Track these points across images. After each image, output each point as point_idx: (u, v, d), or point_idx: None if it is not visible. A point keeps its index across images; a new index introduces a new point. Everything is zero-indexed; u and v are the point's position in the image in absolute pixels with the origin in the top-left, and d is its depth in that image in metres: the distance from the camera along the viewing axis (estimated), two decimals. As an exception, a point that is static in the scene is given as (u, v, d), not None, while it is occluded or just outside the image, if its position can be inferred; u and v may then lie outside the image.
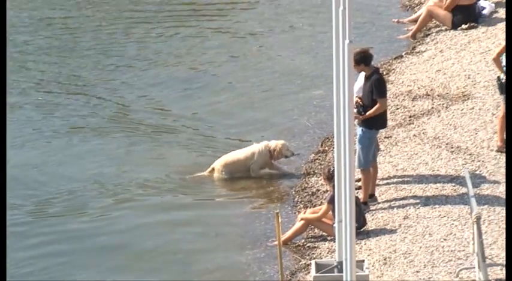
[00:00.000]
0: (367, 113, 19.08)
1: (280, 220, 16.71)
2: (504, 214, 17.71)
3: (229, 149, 22.39)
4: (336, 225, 16.15)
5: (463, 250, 17.39)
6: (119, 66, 26.10)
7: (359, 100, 19.20)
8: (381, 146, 20.56)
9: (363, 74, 19.44)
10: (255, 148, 21.27)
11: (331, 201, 17.19)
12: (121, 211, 21.43)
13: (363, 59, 18.98)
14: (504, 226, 17.41)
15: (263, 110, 23.55)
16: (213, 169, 21.65)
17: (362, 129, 19.25)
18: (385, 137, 20.92)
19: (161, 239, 20.26)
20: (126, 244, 20.33)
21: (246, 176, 21.76)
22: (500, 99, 20.59)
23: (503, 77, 20.13)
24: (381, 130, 19.98)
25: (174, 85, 25.32)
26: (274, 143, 21.14)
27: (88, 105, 25.71)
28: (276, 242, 17.07)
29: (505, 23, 20.79)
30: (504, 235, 16.94)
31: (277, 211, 17.39)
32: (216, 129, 24.00)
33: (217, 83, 24.91)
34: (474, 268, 16.20)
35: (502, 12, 23.56)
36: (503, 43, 20.34)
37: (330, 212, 17.97)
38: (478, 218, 15.86)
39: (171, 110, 25.08)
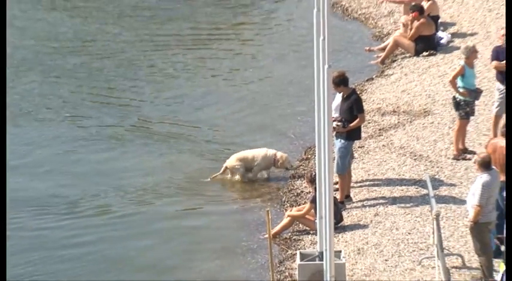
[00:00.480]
0: (350, 125, 19.17)
1: (270, 217, 16.94)
2: (459, 212, 18.25)
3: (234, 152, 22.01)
4: (317, 221, 16.49)
5: (425, 242, 17.59)
6: (139, 85, 25.58)
7: (337, 120, 19.23)
8: (355, 155, 20.53)
9: (339, 94, 19.53)
10: (264, 152, 21.16)
11: (313, 201, 17.31)
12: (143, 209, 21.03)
13: (341, 81, 19.10)
14: (459, 221, 17.95)
15: (258, 125, 23.23)
16: (226, 168, 21.47)
17: (341, 141, 19.35)
18: (358, 147, 20.92)
19: (175, 228, 20.08)
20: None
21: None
22: (455, 115, 20.70)
23: (458, 96, 20.33)
24: (356, 141, 20.05)
25: (188, 100, 24.87)
26: (280, 154, 21.14)
27: (113, 116, 25.06)
28: (267, 236, 17.38)
29: (459, 50, 20.97)
30: (460, 229, 17.61)
31: (268, 209, 17.82)
32: (222, 138, 23.61)
33: (223, 100, 24.55)
34: (434, 257, 16.46)
35: (457, 41, 23.58)
36: (458, 68, 20.40)
37: (312, 210, 18.09)
38: (437, 215, 16.27)
39: (186, 120, 24.46)
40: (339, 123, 19.24)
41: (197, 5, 27.62)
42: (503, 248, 16.73)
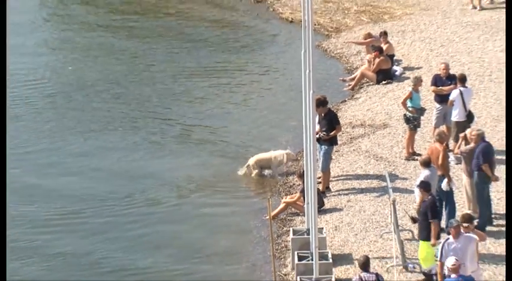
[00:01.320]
0: (331, 134, 19.23)
1: (270, 203, 17.19)
2: (410, 199, 18.34)
3: (250, 155, 21.79)
4: (305, 206, 17.17)
5: (384, 221, 17.90)
6: (175, 105, 25.05)
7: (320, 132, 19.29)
8: (333, 157, 20.40)
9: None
10: (278, 153, 20.93)
11: (302, 191, 17.91)
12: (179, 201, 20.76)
13: (320, 103, 18.92)
14: (410, 205, 18.03)
15: (265, 135, 23.06)
16: (249, 165, 21.17)
17: (324, 147, 19.34)
18: (335, 151, 20.80)
19: (204, 215, 19.92)
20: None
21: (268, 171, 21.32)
22: (406, 127, 20.69)
23: (408, 113, 20.29)
24: (334, 146, 20.06)
25: (214, 115, 24.44)
26: (284, 154, 20.91)
27: (157, 128, 24.38)
28: (268, 217, 17.64)
29: (409, 79, 21.21)
30: (410, 211, 17.51)
31: (269, 197, 18.62)
32: (241, 144, 23.11)
33: (239, 116, 24.30)
34: (391, 232, 16.75)
35: (407, 73, 23.41)
36: (407, 92, 20.49)
37: (301, 198, 18.28)
38: (394, 201, 16.59)
39: (213, 131, 23.87)
40: (324, 133, 19.28)
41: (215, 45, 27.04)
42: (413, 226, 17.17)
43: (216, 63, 25.51)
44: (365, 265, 15.28)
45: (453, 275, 14.21)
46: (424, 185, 16.55)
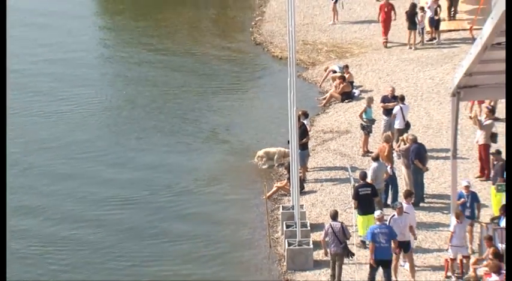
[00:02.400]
0: (302, 141, 18.78)
1: (266, 187, 17.89)
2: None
3: (255, 150, 21.10)
4: (290, 189, 17.55)
5: (347, 200, 17.91)
6: (199, 114, 24.20)
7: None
8: (310, 154, 20.13)
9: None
10: (279, 149, 20.36)
11: (289, 178, 18.02)
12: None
13: (304, 116, 19.34)
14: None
15: (264, 139, 22.30)
16: (258, 156, 20.49)
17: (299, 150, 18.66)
18: (312, 150, 20.56)
19: (217, 200, 19.49)
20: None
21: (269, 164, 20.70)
22: (362, 133, 20.53)
23: (363, 123, 20.19)
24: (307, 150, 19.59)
25: (229, 122, 23.82)
26: (283, 150, 20.23)
27: (189, 131, 23.36)
28: (264, 197, 18.16)
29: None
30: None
31: (265, 183, 18.81)
32: (249, 143, 22.28)
33: (245, 125, 23.61)
34: (352, 207, 16.87)
35: (363, 94, 23.09)
36: (363, 108, 20.56)
37: (288, 183, 18.32)
38: (354, 186, 16.88)
39: (229, 134, 22.98)
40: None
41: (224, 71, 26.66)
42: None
43: (227, 85, 25.47)
44: (334, 216, 15.37)
45: (377, 223, 14.53)
46: (360, 175, 16.80)
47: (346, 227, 15.28)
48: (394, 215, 14.93)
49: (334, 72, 24.14)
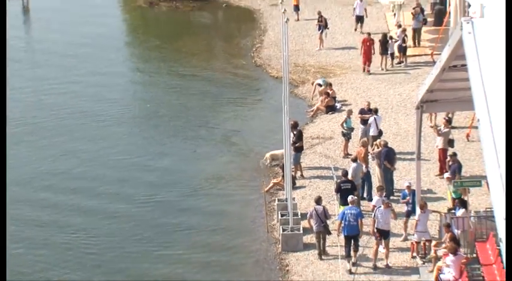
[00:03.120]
0: (296, 145, 18.88)
1: (264, 183, 17.94)
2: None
3: (259, 152, 20.88)
4: (285, 185, 17.45)
5: (331, 192, 17.77)
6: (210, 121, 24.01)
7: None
8: (301, 156, 19.71)
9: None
10: (281, 151, 19.09)
11: (283, 176, 17.90)
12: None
13: (294, 126, 19.02)
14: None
15: (262, 143, 21.83)
16: (266, 157, 20.07)
17: (294, 152, 18.82)
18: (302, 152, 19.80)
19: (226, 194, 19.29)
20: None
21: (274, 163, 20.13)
22: (343, 139, 20.28)
23: (344, 130, 20.07)
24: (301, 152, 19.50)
25: (238, 129, 23.38)
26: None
27: (204, 135, 22.92)
28: (263, 191, 18.13)
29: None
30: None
31: (263, 180, 18.98)
32: (252, 147, 21.85)
33: (249, 132, 23.14)
34: (335, 200, 17.05)
35: (344, 107, 22.69)
36: (344, 118, 20.34)
37: (282, 180, 18.07)
38: (336, 182, 17.07)
39: (238, 138, 22.54)
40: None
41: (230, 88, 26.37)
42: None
43: (233, 99, 25.29)
44: (318, 200, 15.67)
45: (350, 205, 15.02)
46: (342, 173, 16.87)
47: (327, 210, 15.65)
48: (380, 207, 14.92)
49: (320, 85, 24.04)
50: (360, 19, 27.07)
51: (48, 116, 23.88)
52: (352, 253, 14.78)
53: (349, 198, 15.21)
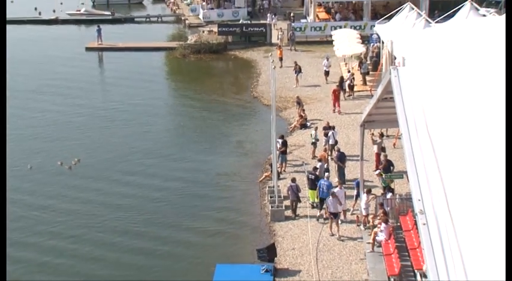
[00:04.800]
0: (282, 150, 18.34)
1: (259, 176, 17.93)
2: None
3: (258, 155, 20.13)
4: (273, 177, 17.26)
5: (304, 182, 16.99)
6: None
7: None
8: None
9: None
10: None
11: (271, 171, 17.72)
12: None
13: (281, 137, 18.46)
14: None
15: (257, 150, 21.29)
16: (268, 158, 18.77)
17: (281, 154, 18.37)
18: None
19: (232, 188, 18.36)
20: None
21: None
22: (312, 146, 19.67)
23: (312, 140, 19.46)
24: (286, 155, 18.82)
25: (243, 139, 22.41)
26: None
27: (212, 142, 22.07)
28: (257, 181, 18.13)
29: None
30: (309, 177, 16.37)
31: (259, 174, 18.84)
32: (251, 151, 21.16)
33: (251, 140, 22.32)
34: (306, 187, 16.59)
35: (312, 125, 21.88)
36: (313, 132, 19.80)
37: (271, 173, 17.49)
38: (307, 175, 16.54)
39: (244, 143, 21.83)
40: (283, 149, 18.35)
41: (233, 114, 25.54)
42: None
43: (237, 119, 24.67)
44: (293, 180, 15.85)
45: (323, 182, 15.20)
46: (312, 171, 16.56)
47: (299, 186, 15.69)
48: (329, 197, 14.79)
49: (299, 103, 23.80)
50: (327, 73, 26.23)
51: (116, 124, 23.56)
52: (323, 210, 15.16)
53: (326, 174, 15.76)
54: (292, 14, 34.50)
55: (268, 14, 35.43)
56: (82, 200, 16.67)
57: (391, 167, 16.21)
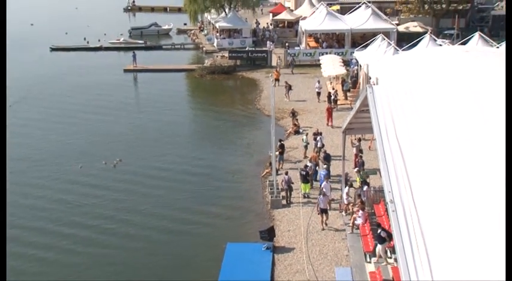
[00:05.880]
0: (280, 151, 18.01)
1: (261, 172, 17.66)
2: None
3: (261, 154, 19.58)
4: (272, 173, 17.03)
5: (297, 177, 16.76)
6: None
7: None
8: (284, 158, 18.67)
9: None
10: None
11: (271, 168, 17.31)
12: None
13: (280, 140, 18.26)
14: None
15: (260, 150, 20.67)
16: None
17: (279, 155, 17.97)
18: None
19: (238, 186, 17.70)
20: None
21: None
22: (304, 148, 19.37)
23: (303, 144, 19.15)
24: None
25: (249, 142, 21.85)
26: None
27: (223, 146, 21.38)
28: (260, 176, 17.85)
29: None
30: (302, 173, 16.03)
31: (260, 170, 18.36)
32: (256, 151, 20.64)
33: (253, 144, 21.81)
34: (299, 181, 16.30)
35: (304, 132, 21.36)
36: (304, 137, 19.49)
37: (271, 170, 16.95)
38: (299, 171, 16.27)
39: (249, 145, 21.24)
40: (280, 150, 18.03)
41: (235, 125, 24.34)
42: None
43: (243, 125, 24.29)
44: (287, 173, 15.91)
45: (322, 172, 15.42)
46: (304, 168, 16.30)
47: (291, 178, 15.66)
48: (320, 195, 14.44)
49: (293, 114, 23.49)
50: (318, 93, 25.57)
51: (146, 130, 23.15)
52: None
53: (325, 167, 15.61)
54: (287, 43, 35.13)
55: (268, 42, 36.33)
56: (126, 191, 16.81)
57: (363, 165, 16.23)
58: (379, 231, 11.07)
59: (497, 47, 18.64)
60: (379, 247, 11.00)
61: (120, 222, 14.57)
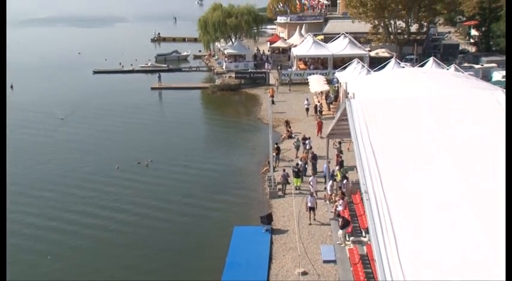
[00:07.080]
0: (277, 152, 17.57)
1: (261, 169, 17.39)
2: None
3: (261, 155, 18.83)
4: (270, 170, 16.78)
5: (290, 173, 16.14)
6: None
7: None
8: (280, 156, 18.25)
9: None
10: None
11: (269, 166, 17.15)
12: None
13: (276, 144, 17.75)
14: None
15: (261, 152, 20.02)
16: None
17: (275, 155, 17.54)
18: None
19: (240, 185, 16.82)
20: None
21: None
22: (295, 150, 19.10)
23: (295, 144, 18.46)
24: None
25: (253, 146, 21.07)
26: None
27: (228, 150, 20.57)
28: (260, 173, 17.35)
29: None
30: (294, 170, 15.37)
31: (261, 167, 17.85)
32: (258, 153, 20.05)
33: (253, 147, 20.78)
34: (292, 176, 15.73)
35: (295, 137, 20.21)
36: (295, 140, 18.98)
37: (269, 167, 16.54)
38: (292, 169, 15.67)
39: (251, 149, 20.46)
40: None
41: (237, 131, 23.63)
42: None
43: (245, 131, 23.87)
44: (284, 170, 15.36)
45: (325, 165, 14.91)
46: (296, 166, 15.98)
47: (288, 173, 15.35)
48: (309, 196, 13.87)
49: (287, 122, 23.18)
50: (307, 109, 23.95)
51: (169, 135, 22.33)
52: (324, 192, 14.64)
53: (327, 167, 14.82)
54: (279, 66, 35.96)
55: (266, 64, 37.02)
56: (156, 184, 16.54)
57: (343, 164, 15.99)
58: (340, 220, 11.19)
59: (447, 69, 19.59)
60: (339, 232, 11.18)
61: (151, 208, 14.68)
